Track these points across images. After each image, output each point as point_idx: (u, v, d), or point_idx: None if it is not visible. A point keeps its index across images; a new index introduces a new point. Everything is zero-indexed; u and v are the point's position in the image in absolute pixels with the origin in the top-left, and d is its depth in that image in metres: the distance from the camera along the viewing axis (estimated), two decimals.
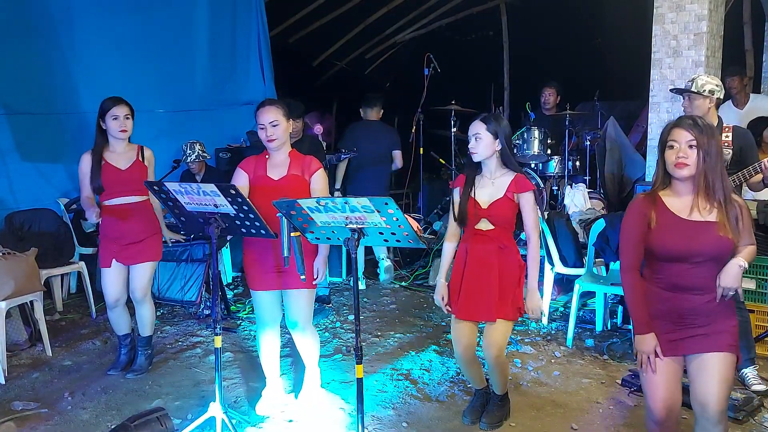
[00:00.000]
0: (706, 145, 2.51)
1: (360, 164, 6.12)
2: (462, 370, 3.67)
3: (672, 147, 2.55)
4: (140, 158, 4.12)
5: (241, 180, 3.60)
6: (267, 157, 3.65)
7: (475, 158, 3.32)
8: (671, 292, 2.60)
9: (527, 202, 3.32)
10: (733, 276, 2.53)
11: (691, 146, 2.52)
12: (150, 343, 4.34)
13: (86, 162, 4.04)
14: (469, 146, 3.34)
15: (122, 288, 4.16)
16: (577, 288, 4.64)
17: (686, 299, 2.58)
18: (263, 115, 3.51)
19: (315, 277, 3.58)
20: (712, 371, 2.57)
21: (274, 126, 3.51)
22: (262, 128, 3.53)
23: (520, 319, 3.64)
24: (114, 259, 4.08)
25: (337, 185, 6.06)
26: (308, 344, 3.72)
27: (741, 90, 5.97)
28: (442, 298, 3.43)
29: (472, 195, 3.33)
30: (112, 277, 4.10)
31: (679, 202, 2.60)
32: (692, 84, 3.86)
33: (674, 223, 2.57)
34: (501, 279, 3.31)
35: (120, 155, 4.09)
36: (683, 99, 3.95)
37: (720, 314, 2.58)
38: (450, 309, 3.43)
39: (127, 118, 4.05)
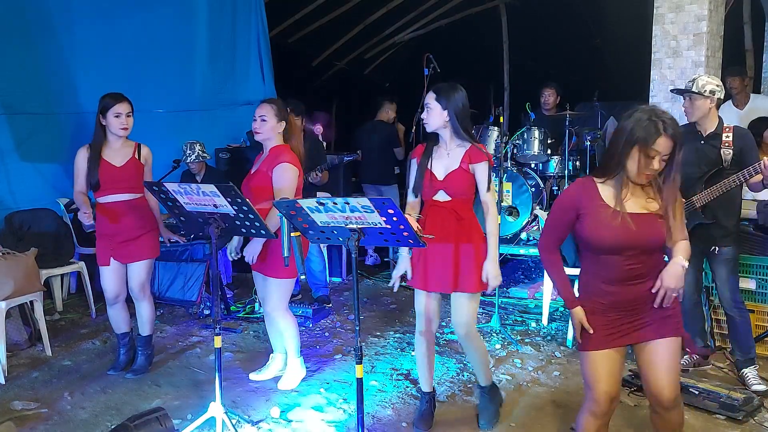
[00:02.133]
0: (678, 156, 2.51)
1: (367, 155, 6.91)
2: (418, 354, 3.51)
3: (651, 156, 2.47)
4: (137, 156, 4.12)
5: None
6: (261, 153, 3.94)
7: (428, 128, 3.37)
8: (613, 285, 2.56)
9: (482, 172, 3.31)
10: (676, 277, 2.50)
11: (664, 159, 2.49)
12: (150, 343, 4.33)
13: (83, 157, 4.05)
14: (422, 117, 3.38)
15: (121, 285, 4.17)
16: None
17: (628, 290, 2.55)
18: (257, 109, 3.82)
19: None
20: (661, 358, 2.58)
21: (263, 121, 3.79)
22: (254, 120, 3.82)
23: (518, 320, 3.63)
24: (111, 257, 4.09)
25: None
26: (282, 329, 3.97)
27: (741, 90, 5.97)
28: (404, 273, 3.39)
29: (429, 166, 3.33)
30: (110, 275, 4.11)
31: (614, 193, 2.54)
32: (693, 84, 3.86)
33: (610, 214, 2.51)
34: (459, 250, 3.28)
35: (116, 152, 4.08)
36: (684, 99, 3.95)
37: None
38: (401, 283, 3.40)
39: (129, 116, 4.06)
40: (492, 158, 3.44)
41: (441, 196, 3.32)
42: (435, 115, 3.30)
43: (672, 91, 4.25)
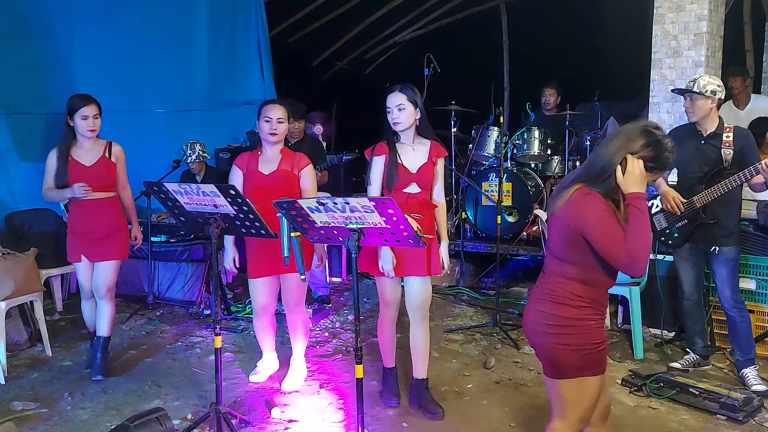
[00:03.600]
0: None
1: None
2: (385, 334, 3.74)
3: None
4: (107, 154, 4.13)
5: (237, 178, 3.87)
6: (260, 153, 3.90)
7: (399, 128, 3.53)
8: (606, 298, 2.54)
9: (442, 165, 3.65)
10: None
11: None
12: (107, 347, 4.26)
13: (52, 158, 4.08)
14: (391, 117, 3.51)
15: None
16: None
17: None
18: (272, 111, 3.80)
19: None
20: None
21: (280, 122, 3.81)
22: (268, 121, 3.79)
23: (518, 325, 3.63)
24: (82, 254, 4.11)
25: None
26: (296, 324, 4.04)
27: (742, 90, 5.97)
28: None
29: (399, 161, 3.52)
30: (84, 271, 4.16)
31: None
32: (694, 84, 3.86)
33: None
34: (433, 239, 3.56)
35: (87, 151, 4.10)
36: (685, 99, 3.95)
37: None
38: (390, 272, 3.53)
39: (96, 118, 4.07)
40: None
41: (413, 188, 3.55)
42: (408, 115, 3.51)
43: (673, 91, 4.25)
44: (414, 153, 3.57)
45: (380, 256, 3.50)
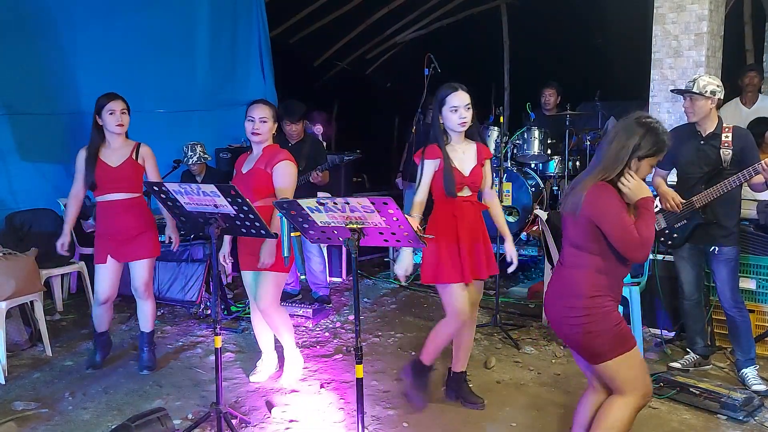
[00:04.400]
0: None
1: None
2: (452, 336, 3.64)
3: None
4: (134, 156, 4.12)
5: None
6: (249, 153, 3.97)
7: (463, 128, 3.49)
8: (621, 284, 2.75)
9: (489, 167, 3.65)
10: None
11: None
12: (152, 339, 4.37)
13: (81, 158, 4.09)
14: (458, 116, 3.44)
15: (114, 286, 4.19)
16: None
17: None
18: (255, 110, 3.82)
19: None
20: None
21: (263, 122, 3.81)
22: (251, 121, 3.81)
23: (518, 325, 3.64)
24: (109, 255, 4.11)
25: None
26: (273, 324, 3.99)
27: (753, 89, 5.94)
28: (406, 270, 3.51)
29: (453, 165, 3.47)
30: (106, 274, 4.14)
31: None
32: (694, 85, 3.86)
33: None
34: (486, 239, 3.59)
35: (114, 151, 4.10)
36: (684, 100, 3.94)
37: None
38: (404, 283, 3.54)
39: (124, 113, 4.06)
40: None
41: (465, 192, 3.52)
42: (471, 116, 3.48)
43: (672, 91, 4.25)
44: (464, 155, 3.51)
45: (399, 260, 3.49)
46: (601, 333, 2.61)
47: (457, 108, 3.42)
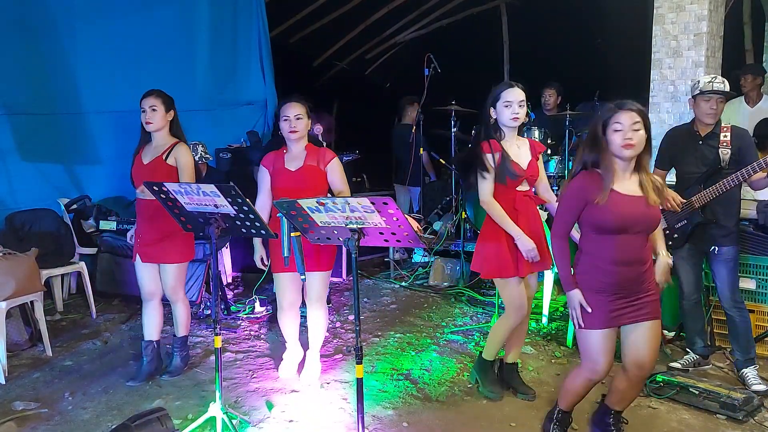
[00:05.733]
0: (648, 126, 2.84)
1: None
2: (512, 329, 3.72)
3: (618, 130, 2.79)
4: (164, 156, 4.02)
5: (264, 177, 3.95)
6: (285, 151, 3.95)
7: (516, 123, 3.57)
8: (616, 266, 2.85)
9: (541, 161, 3.73)
10: (666, 272, 3.03)
11: (636, 129, 2.79)
12: (185, 344, 4.31)
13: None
14: (511, 112, 3.53)
15: (153, 283, 4.12)
16: None
17: (627, 271, 2.86)
18: (290, 109, 3.84)
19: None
20: (648, 337, 2.94)
21: (299, 119, 3.84)
22: (287, 120, 3.84)
23: None
24: (138, 254, 4.09)
25: None
26: (322, 320, 4.10)
27: (754, 88, 5.95)
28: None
29: (513, 158, 3.54)
30: (140, 272, 4.12)
31: (617, 179, 2.86)
32: (724, 85, 3.85)
33: (618, 198, 2.82)
34: (543, 232, 3.67)
35: (151, 150, 4.07)
36: (708, 100, 3.83)
37: (649, 282, 2.94)
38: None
39: (154, 110, 4.00)
40: None
41: (524, 186, 3.62)
42: (524, 113, 3.60)
43: (702, 92, 3.85)
44: (519, 150, 3.62)
45: (521, 245, 3.51)
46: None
47: (511, 103, 3.53)
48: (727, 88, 3.85)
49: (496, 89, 3.60)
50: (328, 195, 3.96)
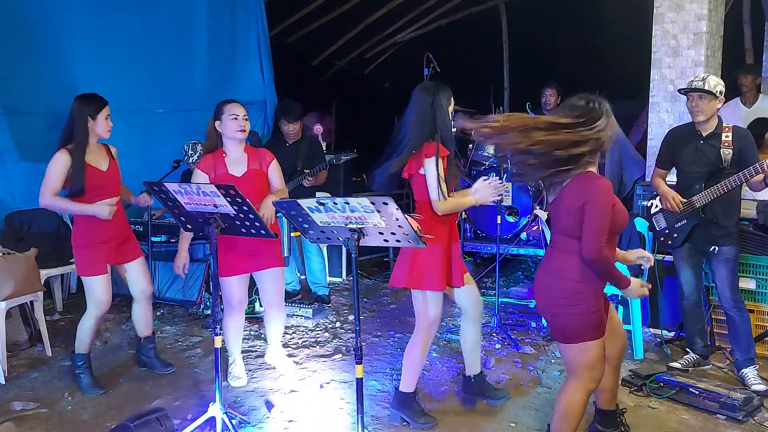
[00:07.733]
0: None
1: None
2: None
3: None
4: (113, 157, 4.05)
5: (200, 181, 3.80)
6: (224, 155, 3.88)
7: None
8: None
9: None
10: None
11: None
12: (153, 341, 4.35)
13: (64, 162, 3.83)
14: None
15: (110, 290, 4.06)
16: None
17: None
18: (238, 108, 3.83)
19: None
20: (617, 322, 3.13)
21: (246, 119, 3.85)
22: (236, 118, 3.80)
23: (518, 320, 3.64)
24: (108, 263, 3.97)
25: None
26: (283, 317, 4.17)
27: (752, 88, 5.94)
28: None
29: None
30: (107, 282, 3.96)
31: None
32: (704, 83, 3.83)
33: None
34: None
35: (96, 155, 3.95)
36: (690, 99, 3.88)
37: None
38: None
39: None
40: None
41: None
42: None
43: (680, 91, 4.05)
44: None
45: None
46: (578, 315, 2.73)
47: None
48: (709, 87, 3.79)
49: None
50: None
